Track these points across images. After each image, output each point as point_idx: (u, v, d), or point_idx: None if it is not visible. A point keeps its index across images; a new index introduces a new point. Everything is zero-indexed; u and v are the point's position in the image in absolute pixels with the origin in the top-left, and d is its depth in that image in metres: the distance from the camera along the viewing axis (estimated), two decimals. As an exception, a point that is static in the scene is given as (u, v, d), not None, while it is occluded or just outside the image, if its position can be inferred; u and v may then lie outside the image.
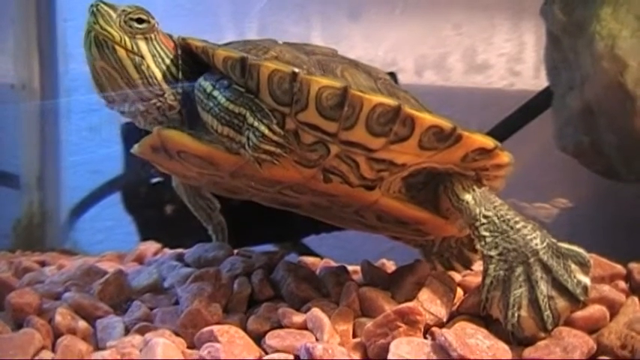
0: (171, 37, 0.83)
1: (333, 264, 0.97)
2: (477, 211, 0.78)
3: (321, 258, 1.15)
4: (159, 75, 0.79)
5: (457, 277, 0.89)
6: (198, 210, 1.01)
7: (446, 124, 0.76)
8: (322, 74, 0.75)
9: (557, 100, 1.25)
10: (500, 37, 1.54)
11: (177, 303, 0.80)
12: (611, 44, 0.99)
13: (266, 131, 0.72)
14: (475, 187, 0.80)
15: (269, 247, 1.28)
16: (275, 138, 0.72)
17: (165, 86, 0.80)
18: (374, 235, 1.00)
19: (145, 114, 0.81)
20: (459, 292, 0.82)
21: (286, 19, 1.53)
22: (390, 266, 1.02)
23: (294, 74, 0.72)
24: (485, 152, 0.80)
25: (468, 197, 0.80)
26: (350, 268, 0.96)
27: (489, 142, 0.80)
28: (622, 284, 0.81)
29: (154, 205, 1.20)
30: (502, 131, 1.32)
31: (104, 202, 1.42)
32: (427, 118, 0.75)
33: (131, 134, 1.24)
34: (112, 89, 0.80)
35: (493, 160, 0.81)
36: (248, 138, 0.73)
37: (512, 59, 1.54)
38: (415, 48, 1.55)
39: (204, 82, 0.77)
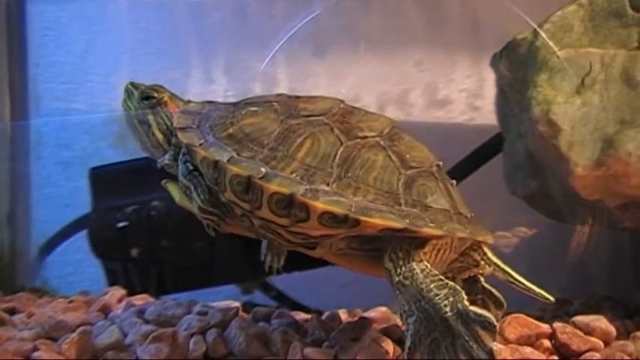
0: (184, 102, 0.96)
1: (287, 314, 1.03)
2: (396, 279, 0.81)
3: (280, 301, 1.20)
4: (162, 139, 0.95)
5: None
6: None
7: (338, 211, 0.79)
8: (251, 156, 0.83)
9: (507, 145, 1.31)
10: (460, 74, 1.60)
11: (137, 362, 0.86)
12: (547, 109, 1.04)
13: (202, 205, 0.87)
14: (400, 254, 0.82)
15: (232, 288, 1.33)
16: (209, 209, 0.88)
17: (167, 148, 0.94)
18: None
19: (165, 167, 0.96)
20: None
21: (251, 57, 1.58)
22: (344, 316, 1.07)
23: (215, 162, 0.84)
24: (399, 231, 0.80)
25: (389, 265, 0.82)
26: (302, 316, 1.02)
27: (396, 224, 0.79)
28: (547, 343, 0.87)
29: (119, 249, 1.25)
30: (462, 170, 1.37)
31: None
32: (319, 206, 0.80)
33: (99, 180, 1.30)
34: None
35: (417, 234, 0.81)
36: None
37: (472, 95, 1.60)
38: (378, 85, 1.60)
39: (181, 153, 0.91)
